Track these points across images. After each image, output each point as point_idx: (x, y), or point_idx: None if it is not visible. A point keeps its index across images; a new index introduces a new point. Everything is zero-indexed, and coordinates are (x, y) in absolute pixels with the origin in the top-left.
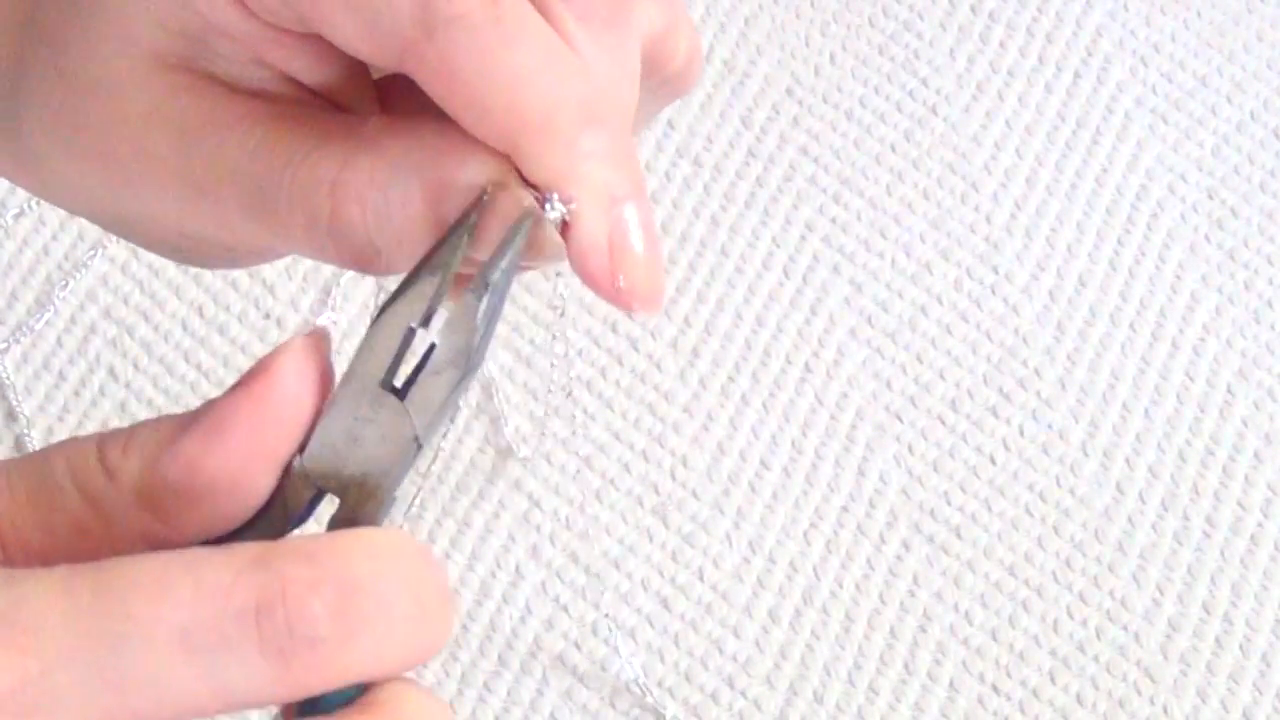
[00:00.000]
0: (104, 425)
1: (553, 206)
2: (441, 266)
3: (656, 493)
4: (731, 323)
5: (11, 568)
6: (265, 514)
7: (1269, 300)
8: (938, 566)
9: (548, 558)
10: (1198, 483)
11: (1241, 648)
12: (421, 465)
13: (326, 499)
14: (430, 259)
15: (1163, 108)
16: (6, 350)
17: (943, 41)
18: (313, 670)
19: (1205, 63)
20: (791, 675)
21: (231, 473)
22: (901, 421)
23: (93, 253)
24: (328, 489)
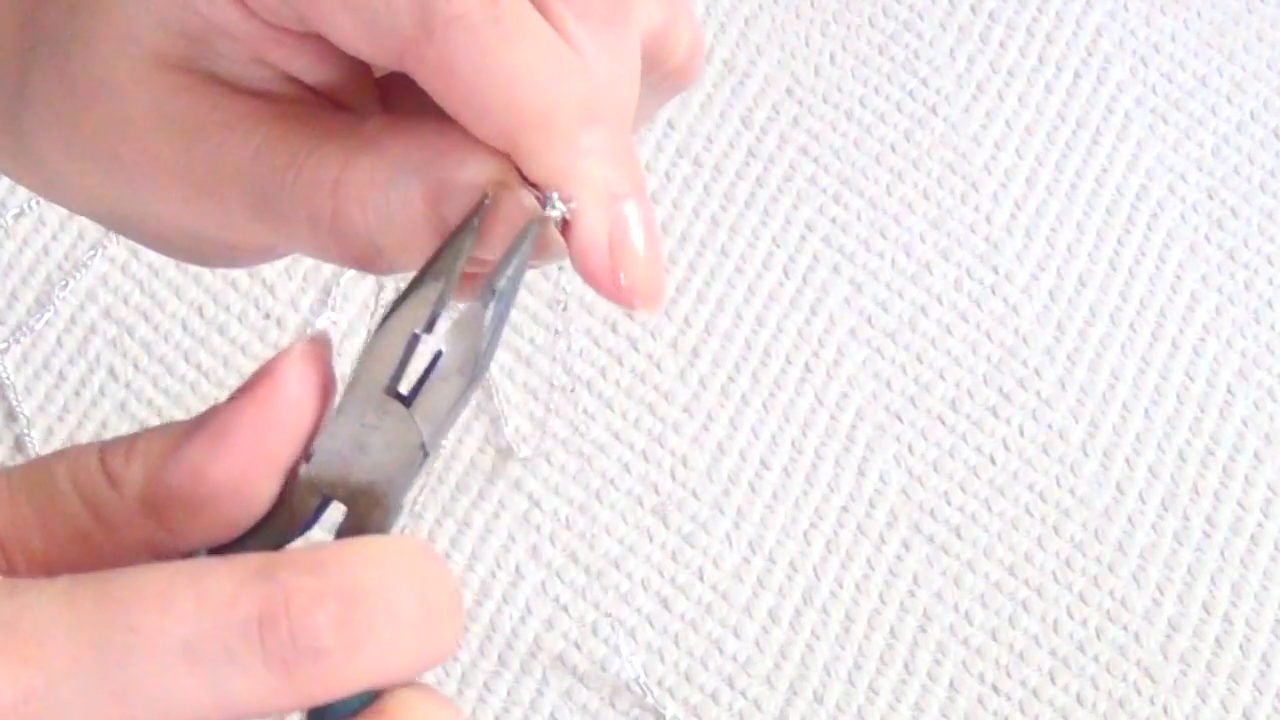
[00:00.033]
0: (104, 425)
1: (553, 205)
2: (445, 272)
3: (656, 493)
4: (731, 323)
5: (14, 576)
6: (271, 521)
7: (1269, 300)
8: (938, 566)
9: (548, 558)
10: (1198, 483)
11: (1241, 648)
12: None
13: (335, 506)
14: (433, 265)
15: (1163, 108)
16: (6, 350)
17: (943, 41)
18: (317, 681)
19: (1205, 63)
20: (791, 675)
21: (235, 479)
22: (901, 421)
23: (93, 253)
24: (335, 497)
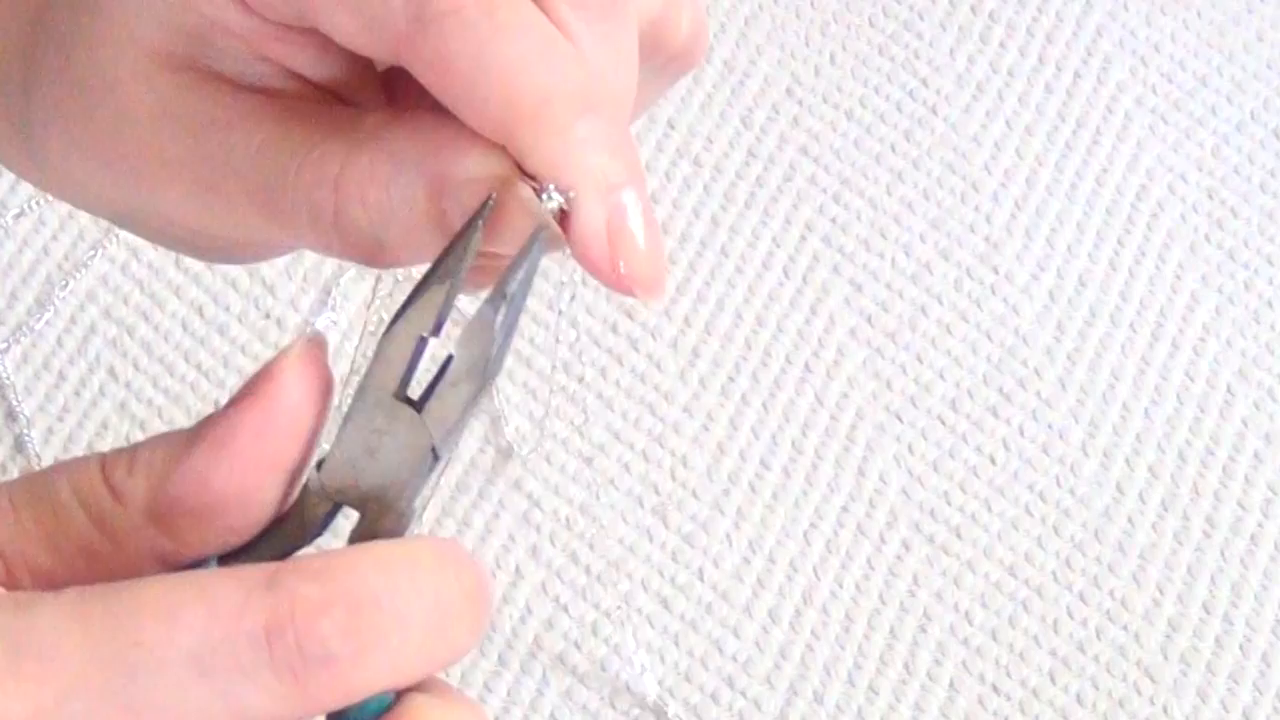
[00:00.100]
0: (104, 425)
1: (550, 196)
2: (450, 275)
3: (656, 493)
4: (731, 323)
5: (17, 591)
6: (281, 529)
7: (1269, 300)
8: (938, 566)
9: (548, 558)
10: (1198, 483)
11: (1241, 648)
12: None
13: (347, 513)
14: (438, 267)
15: (1163, 108)
16: (6, 350)
17: (943, 41)
18: (327, 688)
19: (1205, 63)
20: (791, 675)
21: (240, 485)
22: (901, 421)
23: (93, 253)
24: (346, 503)
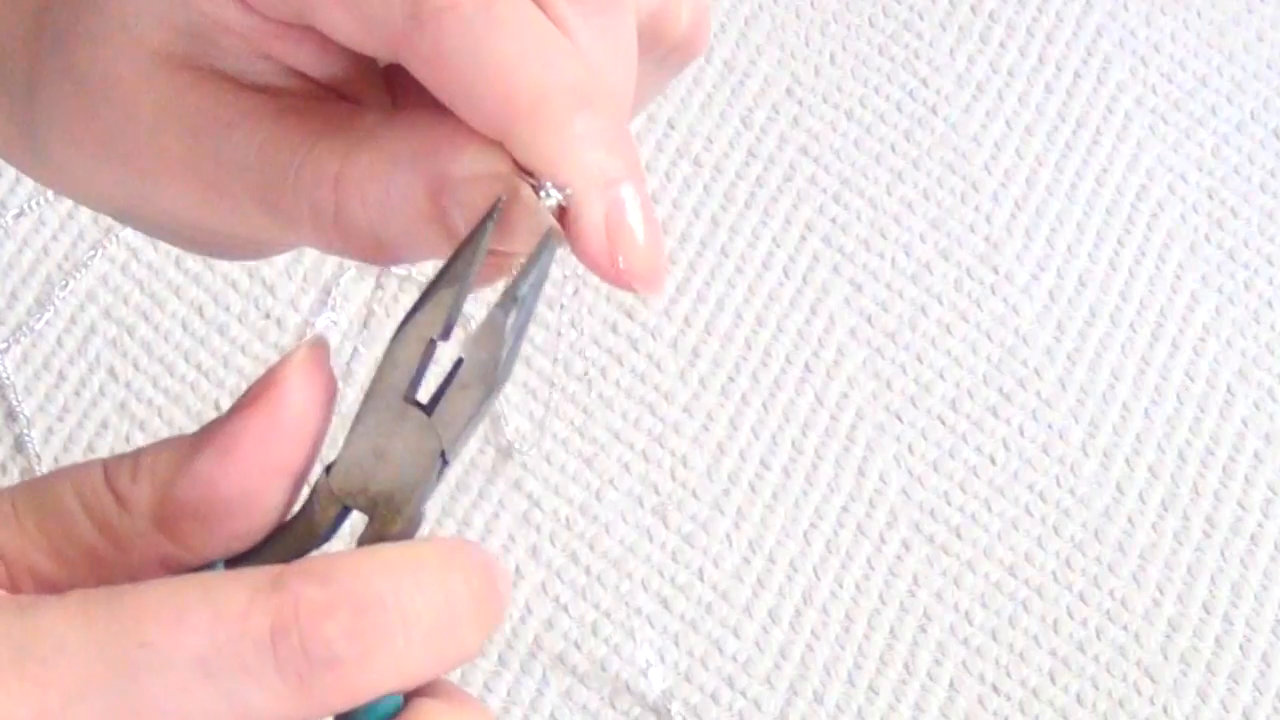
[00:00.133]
0: (104, 425)
1: (548, 193)
2: (459, 278)
3: (656, 493)
4: (731, 323)
5: (20, 594)
6: (289, 532)
7: (1269, 300)
8: (938, 566)
9: (548, 558)
10: (1198, 483)
11: (1241, 648)
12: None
13: (357, 516)
14: (447, 271)
15: (1163, 108)
16: (6, 350)
17: (943, 41)
18: (332, 690)
19: (1205, 63)
20: (791, 675)
21: (246, 490)
22: (901, 421)
23: (93, 253)
24: (355, 506)
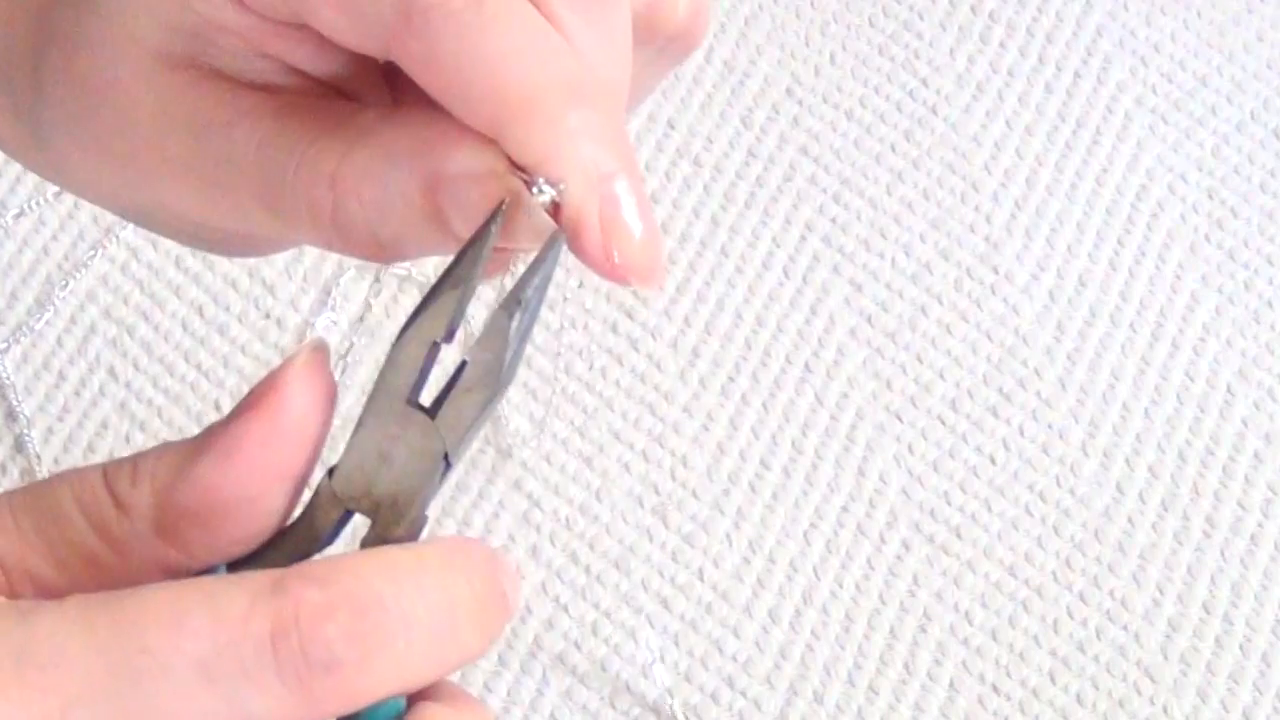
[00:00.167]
0: (104, 425)
1: (540, 190)
2: (463, 281)
3: (656, 493)
4: (731, 323)
5: (18, 600)
6: (291, 536)
7: (1269, 300)
8: (938, 566)
9: (548, 558)
10: (1198, 483)
11: (1241, 648)
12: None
13: (360, 519)
14: (451, 273)
15: (1163, 108)
16: (6, 350)
17: (943, 41)
18: (333, 693)
19: (1205, 63)
20: (791, 675)
21: (248, 494)
22: (901, 421)
23: (93, 253)
24: (358, 509)
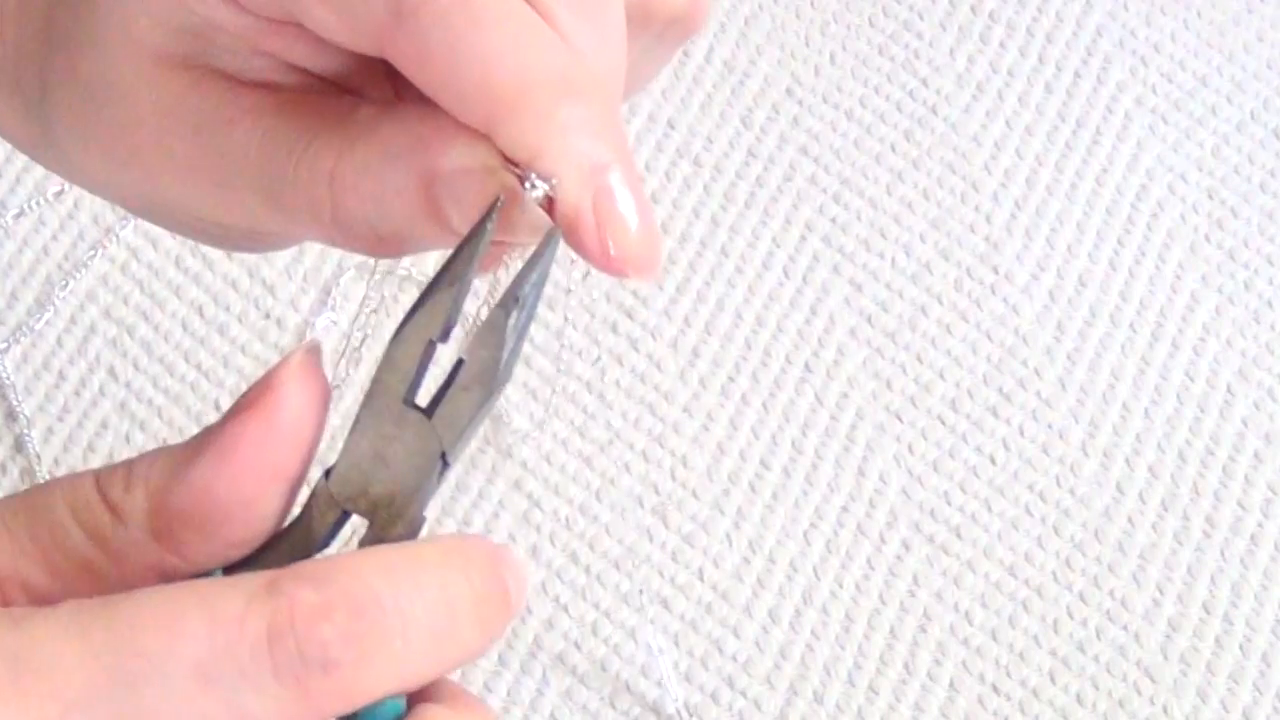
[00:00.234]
0: (104, 425)
1: (534, 185)
2: (458, 278)
3: (656, 493)
4: (731, 323)
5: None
6: (286, 538)
7: (1269, 300)
8: (938, 566)
9: (548, 558)
10: (1198, 483)
11: (1241, 648)
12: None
13: (358, 520)
14: (446, 271)
15: (1163, 108)
16: (6, 350)
17: (943, 41)
18: (331, 694)
19: (1205, 63)
20: (791, 675)
21: (244, 496)
22: (901, 421)
23: (93, 253)
24: (356, 510)
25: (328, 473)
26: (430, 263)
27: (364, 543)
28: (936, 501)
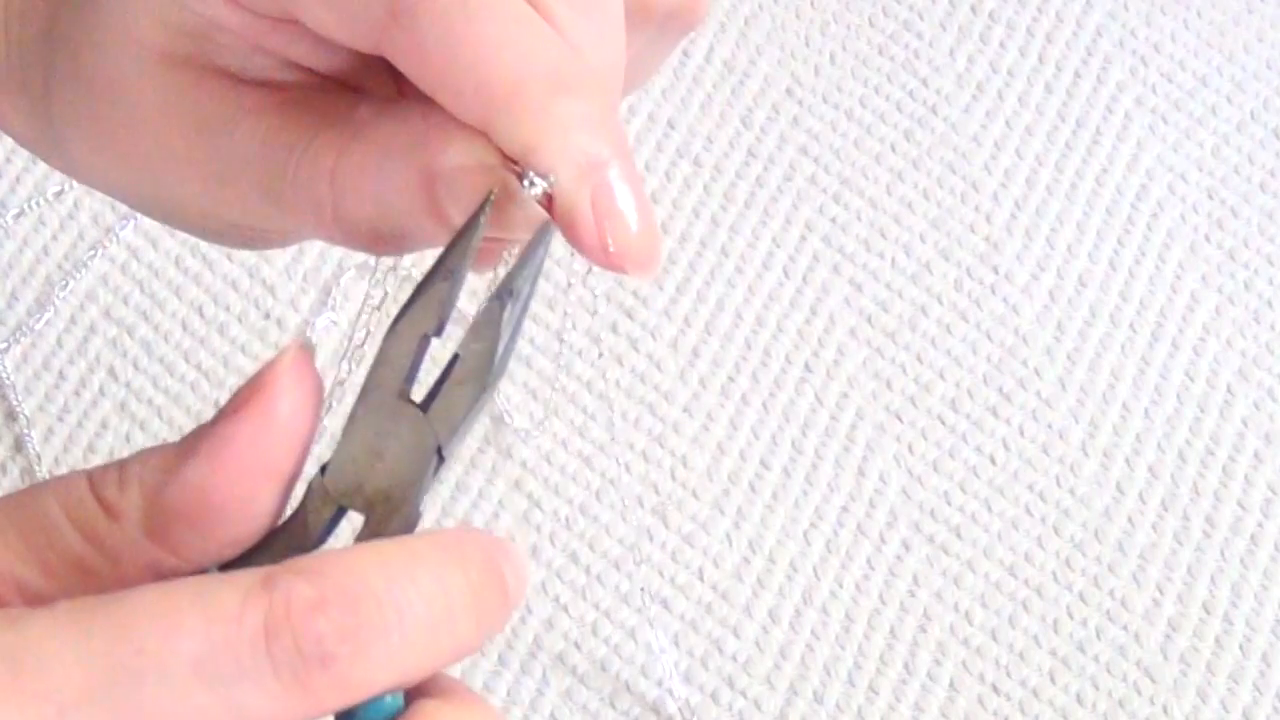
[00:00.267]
0: (104, 425)
1: (532, 182)
2: (452, 272)
3: (656, 493)
4: (731, 323)
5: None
6: (282, 535)
7: (1269, 300)
8: (938, 566)
9: (548, 558)
10: (1198, 483)
11: (1241, 648)
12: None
13: (355, 516)
14: (440, 265)
15: (1163, 108)
16: (6, 350)
17: (943, 41)
18: (328, 688)
19: (1205, 63)
20: (791, 675)
21: (239, 494)
22: (901, 421)
23: (93, 253)
24: (352, 506)
25: (323, 468)
26: (431, 261)
27: (360, 538)
28: (936, 501)
